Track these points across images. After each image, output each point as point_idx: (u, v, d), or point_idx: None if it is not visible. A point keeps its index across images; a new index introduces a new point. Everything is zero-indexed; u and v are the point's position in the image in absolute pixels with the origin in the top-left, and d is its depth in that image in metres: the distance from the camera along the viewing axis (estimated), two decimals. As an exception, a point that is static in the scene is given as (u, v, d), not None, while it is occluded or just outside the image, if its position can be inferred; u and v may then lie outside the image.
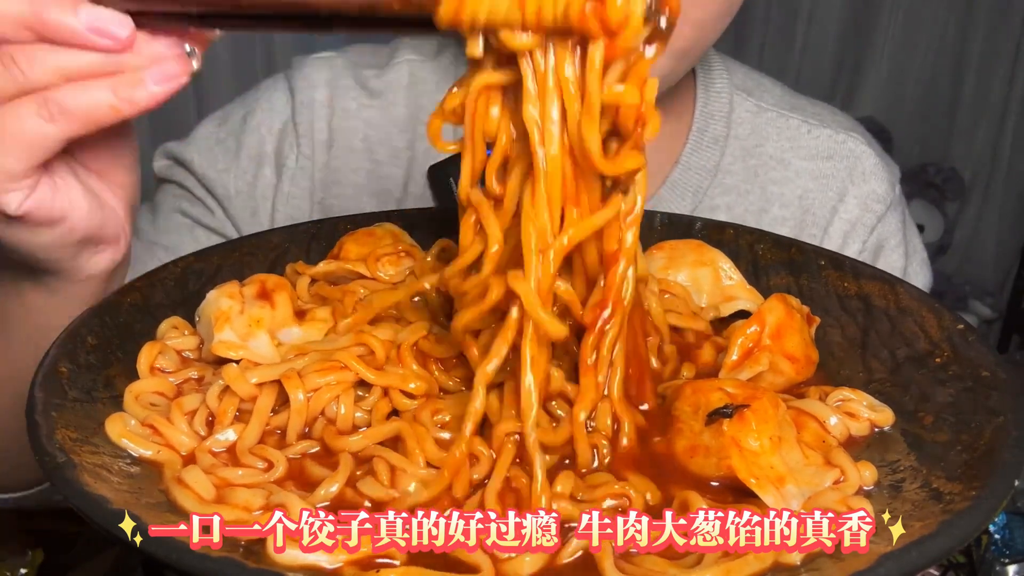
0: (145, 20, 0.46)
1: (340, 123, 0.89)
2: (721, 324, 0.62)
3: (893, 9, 2.85)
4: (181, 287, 0.60)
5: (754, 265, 0.67)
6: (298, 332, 0.54)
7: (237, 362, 0.51)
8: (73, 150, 0.51)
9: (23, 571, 1.19)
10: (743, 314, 0.62)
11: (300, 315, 0.55)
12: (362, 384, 0.50)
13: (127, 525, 0.37)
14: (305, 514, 0.39)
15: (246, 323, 0.53)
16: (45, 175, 0.49)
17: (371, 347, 0.51)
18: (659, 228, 0.72)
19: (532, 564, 0.39)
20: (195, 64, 0.47)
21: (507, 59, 0.43)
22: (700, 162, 0.88)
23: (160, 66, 0.47)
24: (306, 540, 0.38)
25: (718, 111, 0.90)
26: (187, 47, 0.47)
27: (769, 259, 0.67)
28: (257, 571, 0.35)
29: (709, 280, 0.64)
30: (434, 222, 0.72)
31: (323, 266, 0.62)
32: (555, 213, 0.45)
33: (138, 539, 0.36)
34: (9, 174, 0.47)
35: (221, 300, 0.54)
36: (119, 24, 0.45)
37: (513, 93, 0.44)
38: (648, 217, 0.72)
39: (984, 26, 2.80)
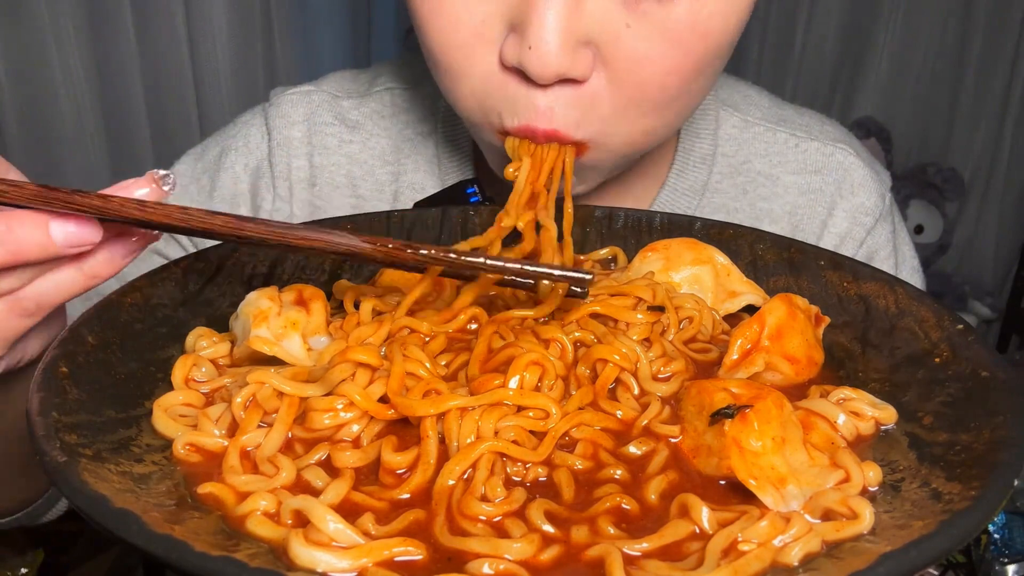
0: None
1: (321, 160, 0.88)
2: (730, 320, 0.63)
3: (893, 9, 2.85)
4: (181, 287, 0.60)
5: (754, 265, 0.67)
6: (326, 341, 0.56)
7: (271, 362, 0.53)
8: None
9: (23, 571, 1.19)
10: (751, 309, 0.63)
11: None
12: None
13: (128, 525, 0.37)
14: (329, 517, 0.40)
15: (282, 324, 0.55)
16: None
17: (361, 362, 0.51)
18: (659, 228, 0.72)
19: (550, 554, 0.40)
20: (159, 238, 0.50)
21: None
22: (687, 183, 0.87)
23: (123, 243, 0.50)
24: (332, 541, 0.39)
25: (704, 129, 0.88)
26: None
27: (769, 259, 0.67)
28: (258, 571, 0.35)
29: (710, 277, 0.64)
30: (437, 221, 0.72)
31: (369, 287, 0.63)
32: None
33: (139, 539, 0.36)
34: None
35: (261, 301, 0.55)
36: (92, 233, 0.47)
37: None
38: (647, 217, 0.72)
39: (984, 26, 2.81)
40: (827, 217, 0.89)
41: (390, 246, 0.52)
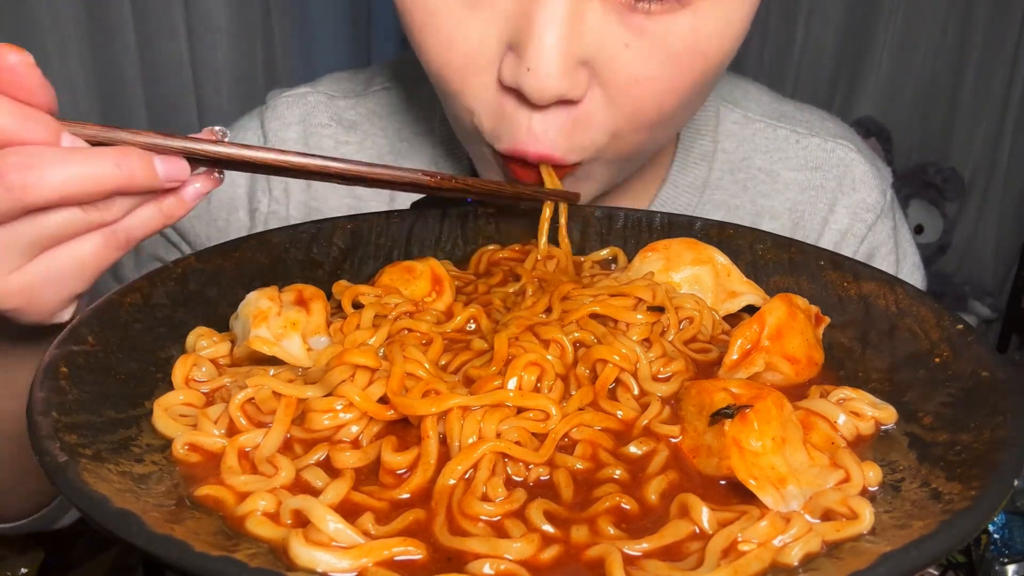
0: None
1: None
2: (730, 320, 0.63)
3: (893, 9, 2.85)
4: (181, 287, 0.60)
5: (754, 265, 0.67)
6: (326, 341, 0.56)
7: (271, 362, 0.53)
8: None
9: (23, 571, 1.19)
10: (751, 309, 0.63)
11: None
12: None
13: (128, 525, 0.37)
14: (329, 517, 0.40)
15: (282, 324, 0.55)
16: None
17: (359, 364, 0.50)
18: (659, 228, 0.72)
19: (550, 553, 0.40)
20: (221, 182, 0.57)
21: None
22: (688, 180, 0.87)
23: (194, 186, 0.55)
24: (332, 541, 0.39)
25: (704, 125, 0.88)
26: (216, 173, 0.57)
27: (769, 259, 0.67)
28: (258, 571, 0.35)
29: (710, 277, 0.64)
30: (437, 220, 0.72)
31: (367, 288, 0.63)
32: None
33: (139, 539, 0.36)
34: (73, 297, 0.54)
35: (261, 301, 0.56)
36: (184, 171, 0.53)
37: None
38: (647, 217, 0.72)
39: (984, 26, 2.81)
40: (828, 213, 0.88)
41: (441, 177, 0.62)
